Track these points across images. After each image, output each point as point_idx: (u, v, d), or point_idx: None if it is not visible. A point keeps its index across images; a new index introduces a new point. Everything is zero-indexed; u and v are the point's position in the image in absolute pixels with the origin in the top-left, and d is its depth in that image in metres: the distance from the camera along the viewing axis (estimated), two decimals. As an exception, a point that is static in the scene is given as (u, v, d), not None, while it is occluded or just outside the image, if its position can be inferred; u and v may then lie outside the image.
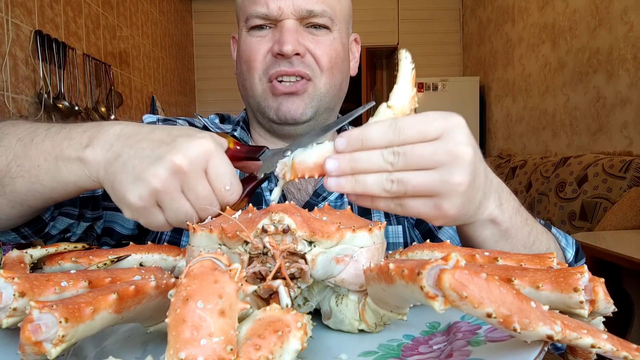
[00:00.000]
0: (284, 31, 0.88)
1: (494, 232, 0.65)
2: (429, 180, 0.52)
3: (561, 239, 0.81)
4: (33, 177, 0.63)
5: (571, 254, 0.81)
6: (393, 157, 0.52)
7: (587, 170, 2.98)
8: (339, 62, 0.95)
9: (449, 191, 0.53)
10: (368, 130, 0.53)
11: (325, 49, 0.91)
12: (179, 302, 0.35)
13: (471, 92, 5.29)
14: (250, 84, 0.93)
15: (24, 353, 0.37)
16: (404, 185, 0.52)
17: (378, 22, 6.08)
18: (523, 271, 0.46)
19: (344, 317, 0.53)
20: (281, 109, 0.91)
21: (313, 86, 0.92)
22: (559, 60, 3.91)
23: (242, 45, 0.94)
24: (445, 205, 0.54)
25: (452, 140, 0.53)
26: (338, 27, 0.93)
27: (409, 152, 0.52)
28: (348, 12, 0.99)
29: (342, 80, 0.97)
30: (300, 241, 0.49)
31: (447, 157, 0.52)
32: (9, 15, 2.52)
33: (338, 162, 0.53)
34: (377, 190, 0.53)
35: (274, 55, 0.89)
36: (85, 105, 3.30)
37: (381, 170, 0.53)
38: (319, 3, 0.90)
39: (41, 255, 0.61)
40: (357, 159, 0.53)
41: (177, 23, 5.67)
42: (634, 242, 2.19)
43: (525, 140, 4.51)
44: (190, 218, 0.57)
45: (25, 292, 0.43)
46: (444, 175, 0.52)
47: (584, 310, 0.43)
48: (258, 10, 0.89)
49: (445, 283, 0.35)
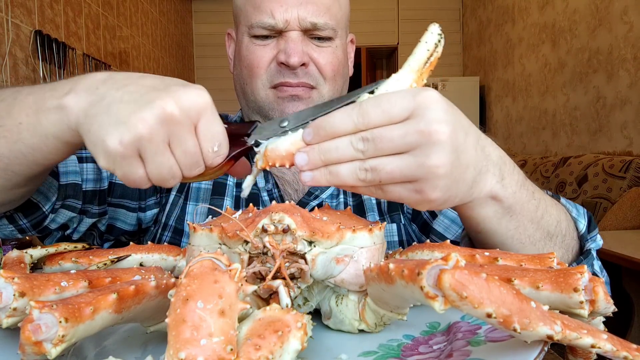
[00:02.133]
0: (290, 42, 0.88)
1: (496, 209, 0.60)
2: (403, 166, 0.49)
3: (572, 210, 0.76)
4: (15, 136, 0.58)
5: (583, 224, 0.76)
6: (362, 144, 0.49)
7: (587, 170, 2.98)
8: (341, 70, 0.96)
9: (427, 174, 0.49)
10: (332, 116, 0.50)
11: (328, 58, 0.92)
12: (179, 302, 0.35)
13: (471, 92, 5.29)
14: (252, 89, 0.93)
15: (24, 353, 0.37)
16: (377, 173, 0.49)
17: (378, 22, 6.07)
18: (523, 271, 0.46)
19: (344, 317, 0.53)
20: (285, 112, 0.91)
21: (317, 93, 0.92)
22: (559, 60, 3.91)
23: (243, 50, 0.94)
24: (427, 189, 0.50)
25: (423, 118, 0.49)
26: (340, 34, 0.94)
27: (378, 137, 0.48)
28: (347, 15, 0.99)
29: (343, 84, 0.98)
30: (300, 241, 0.49)
31: (420, 138, 0.48)
32: (9, 15, 2.52)
33: (307, 156, 0.50)
34: (352, 180, 0.50)
35: (278, 64, 0.89)
36: (85, 105, 3.30)
37: (353, 159, 0.50)
38: (323, 15, 0.89)
39: (41, 255, 0.61)
40: (325, 150, 0.50)
41: (177, 23, 5.67)
42: (634, 242, 2.19)
43: (525, 140, 4.50)
44: (173, 175, 0.52)
45: (25, 292, 0.43)
46: (419, 158, 0.49)
47: (584, 311, 0.43)
48: (264, 20, 0.88)
49: (445, 283, 0.35)
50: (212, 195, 0.95)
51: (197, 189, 0.96)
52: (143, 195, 0.92)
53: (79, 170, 0.84)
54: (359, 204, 0.96)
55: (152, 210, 0.94)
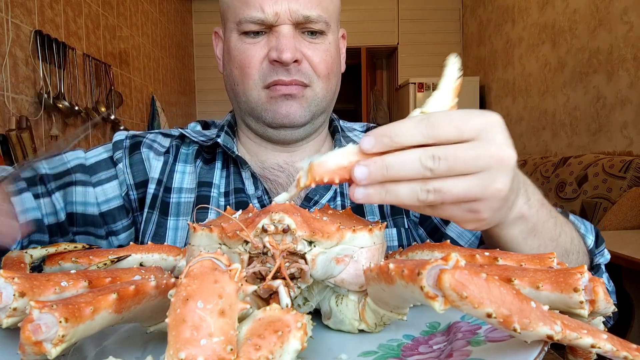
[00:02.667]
0: (282, 37, 0.85)
1: (522, 229, 0.60)
2: (469, 188, 0.47)
3: (580, 226, 0.77)
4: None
5: (591, 240, 0.77)
6: (432, 162, 0.46)
7: (587, 170, 2.98)
8: (334, 67, 0.93)
9: (489, 197, 0.49)
10: (397, 126, 0.47)
11: (322, 55, 0.89)
12: (179, 302, 0.35)
13: (471, 92, 5.29)
14: (244, 89, 0.90)
15: (24, 353, 0.37)
16: (442, 195, 0.47)
17: (378, 22, 6.07)
18: (523, 271, 0.46)
19: (344, 317, 0.53)
20: (279, 112, 0.88)
21: (311, 91, 0.90)
22: (559, 60, 3.91)
23: (233, 50, 0.90)
24: (483, 210, 0.50)
25: (493, 141, 0.47)
26: (332, 28, 0.91)
27: (452, 156, 0.46)
28: (339, 9, 0.96)
29: (336, 82, 0.96)
30: (300, 241, 0.49)
31: (491, 162, 0.47)
32: (9, 15, 2.52)
33: (368, 169, 0.46)
34: (409, 200, 0.48)
35: (270, 62, 0.86)
36: (85, 105, 3.30)
37: (418, 177, 0.47)
38: (315, 7, 0.86)
39: (41, 255, 0.61)
40: (390, 165, 0.46)
41: (177, 23, 5.67)
42: (634, 242, 2.19)
43: (525, 140, 4.50)
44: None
45: (25, 292, 0.43)
46: (485, 180, 0.48)
47: (584, 311, 0.43)
48: (253, 15, 0.85)
49: (445, 283, 0.35)
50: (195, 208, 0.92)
51: (177, 203, 0.92)
52: (110, 219, 0.91)
53: (37, 206, 0.85)
54: (358, 206, 0.94)
55: (126, 231, 0.93)
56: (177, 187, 0.94)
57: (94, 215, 0.90)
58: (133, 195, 0.93)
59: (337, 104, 1.01)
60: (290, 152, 0.96)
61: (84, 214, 0.89)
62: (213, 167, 0.96)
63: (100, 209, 0.90)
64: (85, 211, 0.90)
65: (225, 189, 0.94)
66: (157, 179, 0.94)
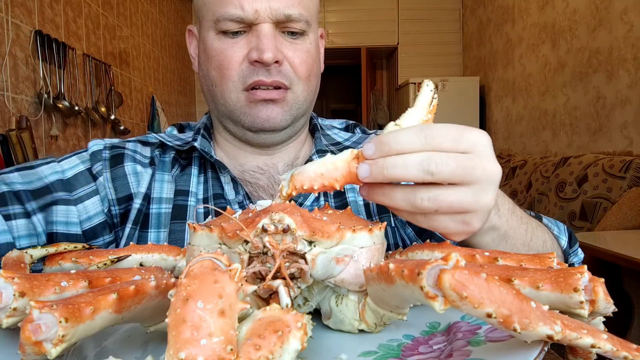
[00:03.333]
0: (262, 37, 0.81)
1: (494, 237, 0.64)
2: (463, 198, 0.49)
3: (553, 228, 0.80)
4: None
5: (564, 241, 0.80)
6: (435, 167, 0.48)
7: (587, 170, 2.98)
8: (315, 68, 0.90)
9: (480, 208, 0.51)
10: (398, 134, 0.49)
11: (302, 56, 0.86)
12: (179, 302, 0.35)
13: (471, 92, 5.29)
14: (222, 91, 0.86)
15: (24, 353, 0.37)
16: (437, 203, 0.49)
17: (378, 22, 6.07)
18: (523, 271, 0.46)
19: (344, 317, 0.53)
20: (259, 115, 0.85)
21: (292, 94, 0.87)
22: (559, 60, 3.91)
23: (210, 50, 0.86)
24: (473, 221, 0.52)
25: (485, 155, 0.50)
26: (312, 27, 0.88)
27: (452, 164, 0.48)
28: (318, 8, 0.94)
29: (316, 83, 0.93)
30: (300, 241, 0.49)
31: (484, 174, 0.50)
32: (9, 15, 2.52)
33: (370, 168, 0.49)
34: (404, 205, 0.50)
35: (250, 63, 0.83)
36: (85, 105, 3.30)
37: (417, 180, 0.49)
38: (296, 6, 0.83)
39: (41, 255, 0.61)
40: (391, 165, 0.48)
41: (177, 23, 5.67)
42: (634, 242, 2.19)
43: (525, 140, 4.50)
44: None
45: (25, 292, 0.43)
46: (478, 192, 0.50)
47: (584, 311, 0.43)
48: (231, 12, 0.81)
49: (445, 283, 0.35)
50: (172, 219, 0.88)
51: (157, 214, 0.88)
52: (91, 236, 0.86)
53: (7, 228, 0.78)
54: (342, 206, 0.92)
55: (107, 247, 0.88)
56: (156, 197, 0.89)
57: (77, 234, 0.85)
58: (115, 211, 0.88)
59: (337, 103, 1.01)
60: (271, 155, 0.94)
61: (66, 234, 0.84)
62: (189, 173, 0.92)
63: (82, 227, 0.85)
64: (68, 231, 0.84)
65: (203, 195, 0.90)
66: (144, 193, 0.89)
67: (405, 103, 5.42)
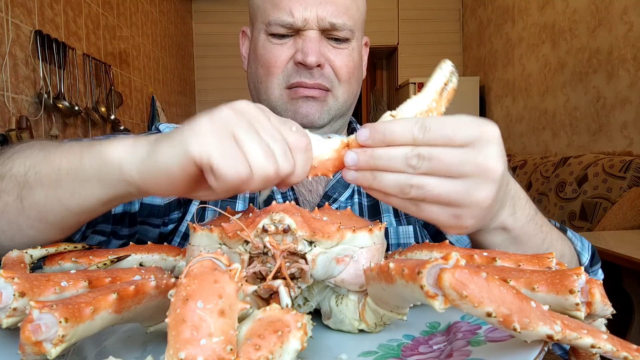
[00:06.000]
0: (308, 42, 0.87)
1: (504, 238, 0.63)
2: (452, 191, 0.49)
3: (577, 243, 0.78)
4: (53, 182, 0.57)
5: (587, 258, 0.78)
6: (417, 161, 0.49)
7: (587, 170, 2.98)
8: (356, 72, 0.95)
9: (472, 204, 0.50)
10: (392, 124, 0.50)
11: (344, 60, 0.91)
12: (179, 302, 0.35)
13: (471, 92, 5.28)
14: (266, 87, 0.92)
15: (24, 353, 0.37)
16: (423, 192, 0.50)
17: (378, 22, 6.07)
18: (519, 272, 0.46)
19: (344, 317, 0.53)
20: (299, 111, 0.90)
21: (332, 96, 0.92)
22: (559, 60, 3.91)
23: (259, 49, 0.93)
24: (466, 217, 0.51)
25: (483, 151, 0.49)
26: (356, 35, 0.93)
27: (435, 158, 0.48)
28: (364, 17, 0.98)
29: (357, 87, 0.98)
30: (300, 241, 0.49)
31: (476, 170, 0.49)
32: (9, 15, 2.52)
33: (357, 157, 0.50)
34: (393, 190, 0.50)
35: (295, 64, 0.89)
36: (85, 105, 3.30)
37: (401, 172, 0.49)
38: (342, 15, 0.88)
39: (41, 255, 0.61)
40: (377, 157, 0.50)
41: (177, 23, 5.67)
42: (634, 242, 2.19)
43: (525, 140, 4.50)
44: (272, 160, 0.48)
45: (25, 292, 0.43)
46: (469, 188, 0.50)
47: (580, 313, 0.43)
48: (283, 18, 0.87)
49: (445, 282, 0.35)
50: (224, 199, 0.93)
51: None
52: (167, 211, 0.92)
53: None
54: (374, 204, 0.96)
55: (174, 223, 0.94)
56: None
57: (160, 205, 0.90)
58: None
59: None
60: None
61: (151, 205, 0.89)
62: None
63: (164, 199, 0.90)
64: (153, 202, 0.89)
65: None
66: None
67: (405, 103, 5.41)
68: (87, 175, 0.55)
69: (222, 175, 0.45)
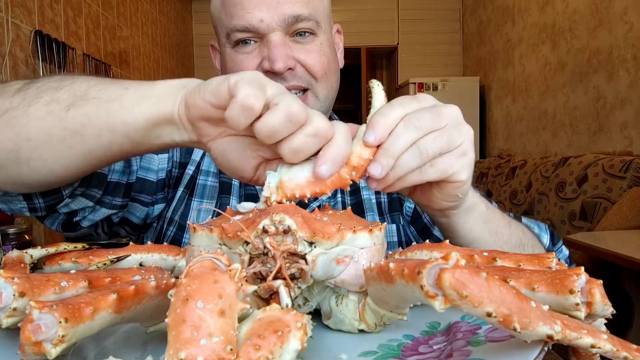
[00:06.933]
0: (272, 47, 0.84)
1: (476, 217, 0.69)
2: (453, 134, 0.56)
3: (533, 227, 0.84)
4: (113, 97, 0.57)
5: (547, 239, 0.84)
6: (417, 122, 0.53)
7: (587, 170, 2.98)
8: (331, 65, 0.93)
9: (467, 166, 0.58)
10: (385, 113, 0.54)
11: (315, 56, 0.89)
12: (178, 302, 0.35)
13: (471, 92, 5.28)
14: None
15: (24, 353, 0.37)
16: (438, 143, 0.55)
17: (378, 22, 6.07)
18: (519, 272, 0.46)
19: (344, 317, 0.53)
20: None
21: (312, 95, 0.90)
22: (559, 60, 3.91)
23: (228, 62, 0.91)
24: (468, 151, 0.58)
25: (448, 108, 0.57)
26: (323, 28, 0.90)
27: (428, 113, 0.54)
28: (329, 7, 0.96)
29: (336, 80, 0.96)
30: (300, 242, 0.49)
31: (455, 121, 0.56)
32: (9, 15, 2.52)
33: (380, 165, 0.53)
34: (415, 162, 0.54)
35: (264, 72, 0.86)
36: (85, 105, 3.30)
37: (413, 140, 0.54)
38: (303, 6, 0.86)
39: (41, 255, 0.61)
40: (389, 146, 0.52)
41: (177, 23, 5.67)
42: (634, 242, 2.19)
43: (525, 140, 4.50)
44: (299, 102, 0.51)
45: (25, 292, 0.43)
46: (460, 131, 0.57)
47: (580, 313, 0.43)
48: (238, 23, 0.85)
49: (445, 282, 0.35)
50: (219, 193, 0.94)
51: (202, 186, 0.94)
52: (155, 189, 0.92)
53: None
54: (357, 203, 0.95)
55: (159, 204, 0.94)
56: (204, 169, 0.96)
57: (152, 181, 0.91)
58: (174, 173, 0.95)
59: (337, 103, 1.01)
60: None
61: (144, 179, 0.89)
62: None
63: (158, 176, 0.92)
64: (146, 176, 0.90)
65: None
66: (197, 161, 0.97)
67: (405, 103, 5.41)
68: (150, 94, 0.57)
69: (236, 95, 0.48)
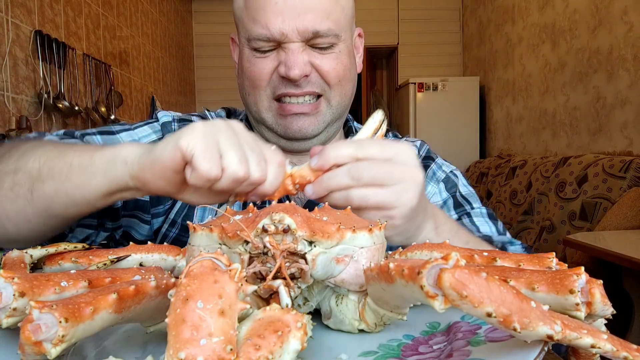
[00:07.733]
0: (290, 54, 0.84)
1: (430, 227, 0.71)
2: (386, 196, 0.62)
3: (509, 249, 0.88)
4: (63, 176, 0.64)
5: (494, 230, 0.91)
6: (359, 173, 0.60)
7: (587, 170, 2.98)
8: (347, 73, 0.91)
9: (402, 205, 0.62)
10: (334, 148, 0.62)
11: (332, 64, 0.88)
12: (178, 302, 0.35)
13: (471, 92, 5.29)
14: (255, 99, 0.90)
15: (24, 353, 0.37)
16: (366, 200, 0.61)
17: (378, 22, 6.07)
18: (519, 272, 0.46)
19: (344, 317, 0.53)
20: (291, 127, 0.89)
21: (325, 102, 0.90)
22: (559, 60, 3.91)
23: (244, 62, 0.90)
24: (396, 216, 0.63)
25: (406, 162, 0.63)
26: (343, 37, 0.89)
27: (374, 169, 0.61)
28: (352, 13, 0.94)
29: (351, 87, 0.95)
30: (300, 241, 0.49)
31: (404, 177, 0.62)
32: (9, 15, 2.52)
33: (313, 189, 0.63)
34: (340, 202, 0.62)
35: (279, 77, 0.87)
36: (85, 105, 3.30)
37: (348, 186, 0.61)
38: (324, 21, 0.84)
39: (41, 255, 0.61)
40: (327, 180, 0.61)
41: (177, 23, 5.67)
42: (634, 242, 2.19)
43: (525, 140, 4.50)
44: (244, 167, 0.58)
45: (25, 292, 0.43)
46: (399, 191, 0.62)
47: (580, 313, 0.43)
48: (260, 32, 0.85)
49: (445, 282, 0.35)
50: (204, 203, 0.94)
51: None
52: (156, 202, 0.91)
53: None
54: None
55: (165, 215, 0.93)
56: None
57: (145, 200, 0.90)
58: None
59: (336, 104, 1.01)
60: (305, 155, 0.96)
61: (135, 199, 0.87)
62: None
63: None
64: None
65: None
66: None
67: (406, 103, 5.42)
68: (95, 169, 0.63)
69: (197, 168, 0.54)
